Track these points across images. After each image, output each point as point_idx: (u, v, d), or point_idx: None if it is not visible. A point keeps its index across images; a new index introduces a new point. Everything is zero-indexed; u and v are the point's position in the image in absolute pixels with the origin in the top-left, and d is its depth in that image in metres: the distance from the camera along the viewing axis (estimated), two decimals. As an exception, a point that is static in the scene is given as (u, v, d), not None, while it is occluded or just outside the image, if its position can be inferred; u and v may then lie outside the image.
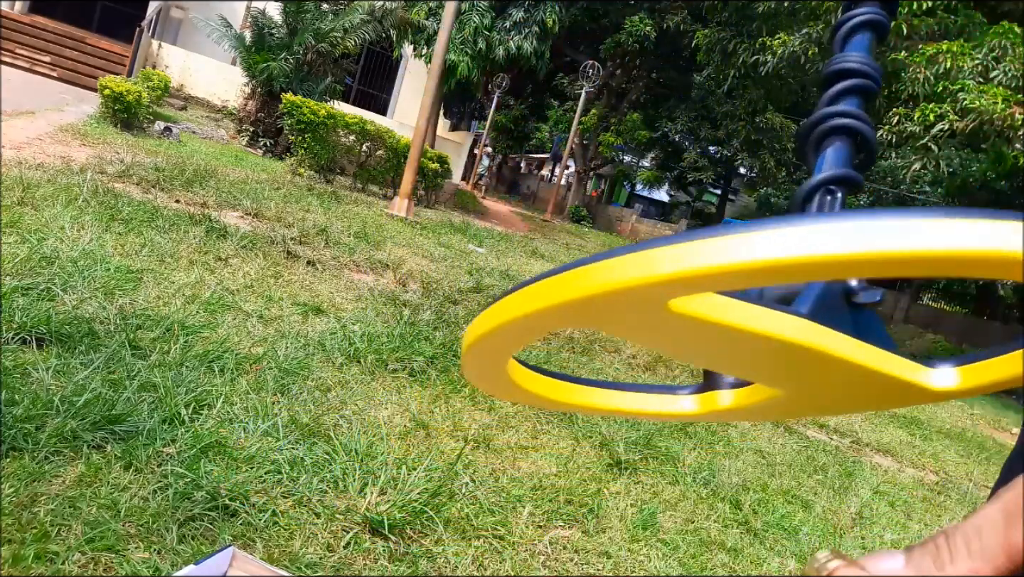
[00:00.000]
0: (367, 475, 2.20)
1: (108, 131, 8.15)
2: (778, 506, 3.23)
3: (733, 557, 2.59)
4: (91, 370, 2.28)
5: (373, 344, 3.45)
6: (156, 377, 2.37)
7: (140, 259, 3.69)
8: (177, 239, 4.27)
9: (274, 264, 4.52)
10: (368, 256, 5.66)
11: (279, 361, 2.91)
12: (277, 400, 2.58)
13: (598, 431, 3.35)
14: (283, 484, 2.04)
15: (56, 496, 1.67)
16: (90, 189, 4.63)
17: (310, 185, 9.09)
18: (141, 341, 2.66)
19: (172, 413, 2.20)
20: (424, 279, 5.52)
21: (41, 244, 3.35)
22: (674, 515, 2.77)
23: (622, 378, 4.64)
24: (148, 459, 1.93)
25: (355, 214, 7.95)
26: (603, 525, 2.49)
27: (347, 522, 1.96)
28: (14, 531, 1.53)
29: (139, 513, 1.70)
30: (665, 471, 3.17)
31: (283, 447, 2.22)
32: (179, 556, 1.61)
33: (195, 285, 3.55)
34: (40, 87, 11.28)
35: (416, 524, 2.05)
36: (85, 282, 3.04)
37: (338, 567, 1.79)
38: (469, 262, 7.36)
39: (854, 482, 4.05)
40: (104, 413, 2.02)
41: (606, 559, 2.28)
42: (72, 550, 1.52)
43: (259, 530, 1.81)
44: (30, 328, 2.41)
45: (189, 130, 10.99)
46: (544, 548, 2.19)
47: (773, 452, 4.10)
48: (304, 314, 3.72)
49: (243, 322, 3.28)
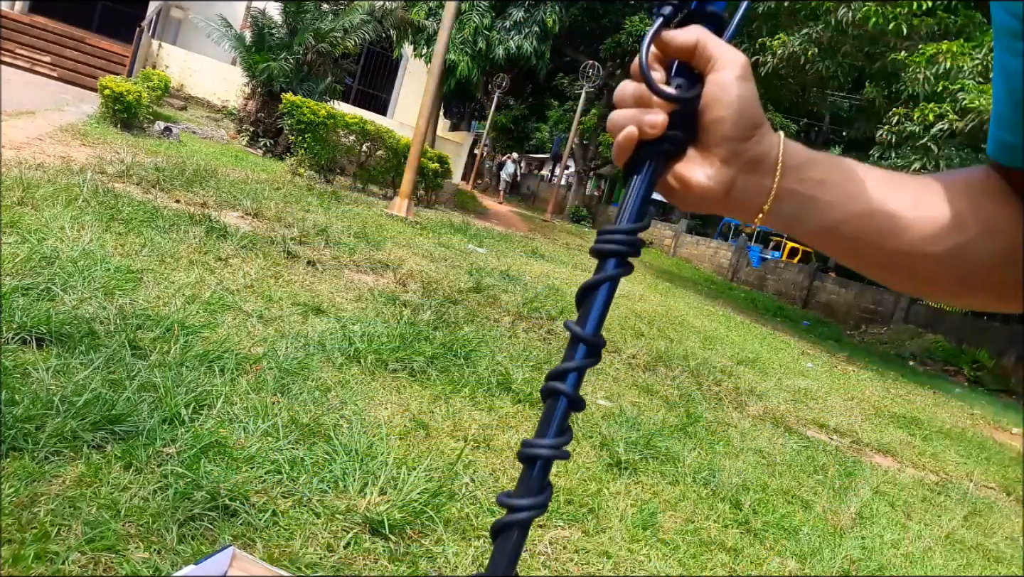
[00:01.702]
0: (367, 475, 2.20)
1: (108, 131, 8.15)
2: (778, 506, 3.23)
3: (733, 557, 2.59)
4: (91, 370, 2.28)
5: (373, 344, 3.45)
6: (156, 377, 2.37)
7: (140, 259, 3.69)
8: (177, 239, 4.27)
9: (274, 264, 4.52)
10: (368, 256, 5.66)
11: (279, 361, 2.91)
12: (277, 400, 2.58)
13: (598, 431, 3.35)
14: (283, 484, 2.04)
15: (56, 496, 1.67)
16: (90, 189, 4.63)
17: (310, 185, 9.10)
18: (141, 341, 2.66)
19: (172, 413, 2.20)
20: (424, 279, 5.52)
21: (41, 244, 3.35)
22: (674, 515, 2.77)
23: (622, 378, 4.64)
24: (148, 459, 1.93)
25: (355, 214, 7.96)
26: (603, 525, 2.49)
27: (347, 522, 1.96)
28: (14, 531, 1.53)
29: (139, 513, 1.70)
30: (665, 471, 3.17)
31: (283, 447, 2.22)
32: (179, 556, 1.61)
33: (195, 285, 3.55)
34: (40, 87, 11.28)
35: (416, 524, 2.05)
36: (85, 282, 3.04)
37: (338, 567, 1.79)
38: (469, 262, 7.36)
39: (854, 482, 4.05)
40: (104, 413, 2.03)
41: (606, 559, 2.28)
42: (72, 550, 1.52)
43: (259, 530, 1.81)
44: (30, 328, 2.41)
45: (189, 130, 10.99)
46: (544, 548, 2.19)
47: (773, 452, 4.10)
48: (304, 314, 3.72)
49: (243, 322, 3.28)
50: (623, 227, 0.48)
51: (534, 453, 0.47)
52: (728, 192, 0.50)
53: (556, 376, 0.49)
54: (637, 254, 0.49)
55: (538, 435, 0.48)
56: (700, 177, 0.49)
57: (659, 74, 0.49)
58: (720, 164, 0.49)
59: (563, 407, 0.48)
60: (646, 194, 0.49)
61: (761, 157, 0.49)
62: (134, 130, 8.88)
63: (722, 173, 0.49)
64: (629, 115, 0.48)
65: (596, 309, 0.49)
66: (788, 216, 0.52)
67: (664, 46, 0.49)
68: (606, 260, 0.49)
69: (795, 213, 0.51)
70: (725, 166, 0.49)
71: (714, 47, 0.48)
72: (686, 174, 0.50)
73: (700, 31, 0.48)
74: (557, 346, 4.78)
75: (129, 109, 8.70)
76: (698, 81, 0.49)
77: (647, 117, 0.47)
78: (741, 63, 0.48)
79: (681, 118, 0.48)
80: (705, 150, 0.49)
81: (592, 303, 0.49)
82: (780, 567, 2.64)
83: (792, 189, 0.50)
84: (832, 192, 0.51)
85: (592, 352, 0.49)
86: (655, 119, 0.47)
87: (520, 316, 5.38)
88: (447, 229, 9.77)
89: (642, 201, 0.49)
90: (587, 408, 3.68)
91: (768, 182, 0.50)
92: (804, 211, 0.51)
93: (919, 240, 0.53)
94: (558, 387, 0.48)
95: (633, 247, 0.48)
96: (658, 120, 0.47)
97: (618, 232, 0.48)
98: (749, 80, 0.48)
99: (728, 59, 0.47)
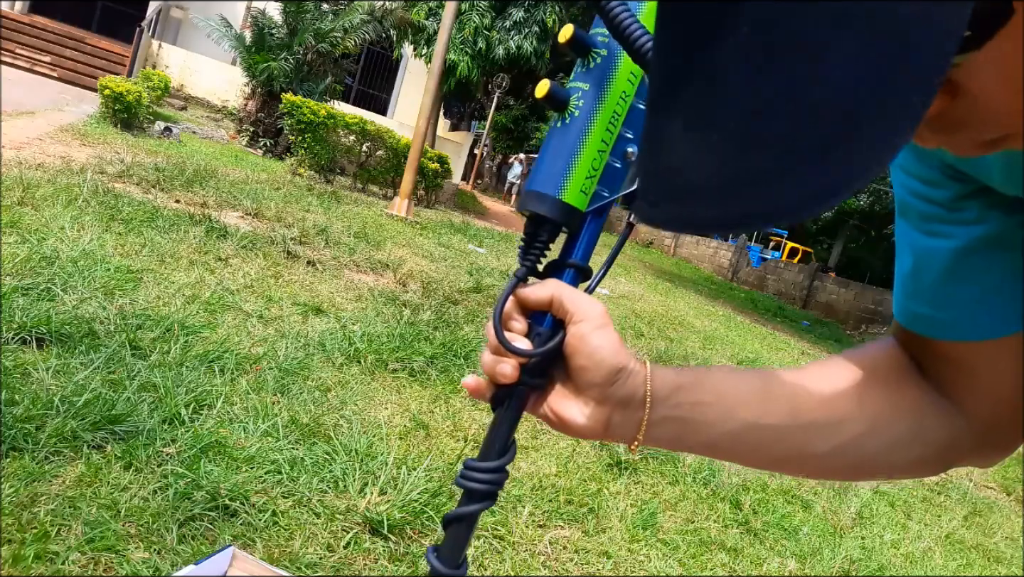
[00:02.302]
0: (367, 475, 2.20)
1: (108, 131, 8.15)
2: (778, 506, 3.23)
3: (733, 557, 2.59)
4: (91, 370, 2.28)
5: (373, 344, 3.45)
6: (156, 377, 2.37)
7: (140, 259, 3.69)
8: (177, 239, 4.27)
9: (274, 264, 4.52)
10: (368, 256, 5.66)
11: (279, 361, 2.91)
12: (277, 400, 2.58)
13: (598, 431, 3.35)
14: (283, 484, 2.04)
15: (56, 496, 1.67)
16: (90, 189, 4.63)
17: (310, 185, 9.10)
18: (141, 341, 2.66)
19: (172, 413, 2.20)
20: (424, 279, 5.52)
21: (41, 244, 3.35)
22: (674, 515, 2.77)
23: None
24: (148, 459, 1.93)
25: (355, 214, 7.95)
26: (603, 525, 2.49)
27: (347, 522, 1.96)
28: (14, 531, 1.53)
29: (139, 513, 1.70)
30: (665, 471, 3.17)
31: (283, 447, 2.22)
32: (179, 556, 1.61)
33: (195, 285, 3.55)
34: (40, 87, 11.28)
35: (416, 524, 2.05)
36: (85, 282, 3.04)
37: (338, 567, 1.79)
38: (469, 262, 7.36)
39: (854, 482, 4.05)
40: (104, 413, 2.02)
41: (606, 559, 2.28)
42: (72, 550, 1.52)
43: (259, 530, 1.81)
44: (30, 328, 2.41)
45: (189, 130, 10.99)
46: (544, 548, 2.19)
47: (773, 452, 4.10)
48: (304, 314, 3.72)
49: (243, 322, 3.28)
50: (489, 465, 0.52)
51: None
52: (606, 428, 0.52)
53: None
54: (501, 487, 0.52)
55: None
56: (577, 417, 0.52)
57: (519, 324, 0.52)
58: (594, 404, 0.52)
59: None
60: (509, 430, 0.52)
61: (630, 395, 0.51)
62: (134, 130, 8.88)
63: (597, 412, 0.52)
64: (488, 360, 0.52)
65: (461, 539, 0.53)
66: (667, 439, 0.54)
67: (523, 301, 0.52)
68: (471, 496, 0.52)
69: (673, 435, 0.54)
70: (599, 406, 0.52)
71: (570, 301, 0.51)
72: (563, 413, 0.52)
73: (556, 286, 0.52)
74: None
75: (129, 109, 8.70)
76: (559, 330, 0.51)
77: (499, 368, 0.51)
78: (597, 314, 0.50)
79: (537, 367, 0.51)
80: (578, 392, 0.52)
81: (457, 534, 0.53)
82: (780, 567, 2.64)
83: (665, 416, 0.52)
84: (706, 412, 0.53)
85: None
86: (505, 370, 0.51)
87: (520, 316, 5.37)
88: (447, 229, 9.77)
89: (504, 436, 0.52)
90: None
91: (641, 414, 0.52)
92: (682, 433, 0.54)
93: (799, 444, 0.55)
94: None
95: (498, 485, 0.52)
96: (507, 371, 0.50)
97: (484, 470, 0.52)
98: (607, 328, 0.50)
99: (583, 311, 0.50)
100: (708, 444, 0.55)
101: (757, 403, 0.55)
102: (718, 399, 0.54)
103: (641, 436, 0.53)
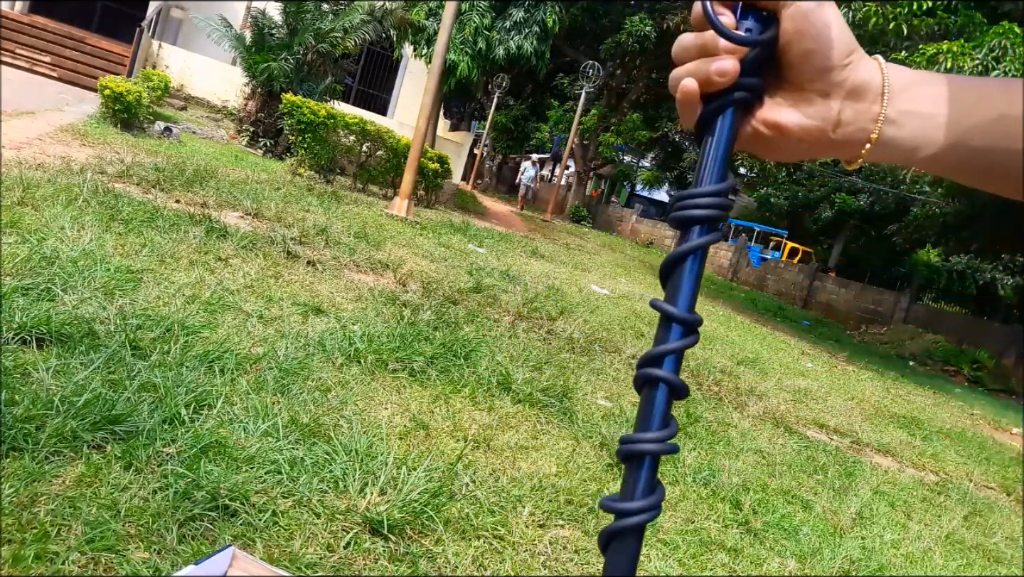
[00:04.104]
0: (367, 475, 2.20)
1: (108, 131, 8.15)
2: (778, 506, 3.23)
3: (733, 557, 2.59)
4: (91, 370, 2.28)
5: (373, 344, 3.45)
6: (156, 377, 2.37)
7: (140, 259, 3.69)
8: (177, 239, 4.27)
9: (274, 264, 4.52)
10: (368, 256, 5.66)
11: (279, 361, 2.91)
12: (277, 400, 2.58)
13: (598, 431, 3.35)
14: (283, 484, 2.04)
15: (56, 496, 1.67)
16: (90, 189, 4.63)
17: (310, 185, 9.09)
18: (141, 341, 2.66)
19: (172, 413, 2.20)
20: (424, 279, 5.52)
21: (41, 244, 3.35)
22: (674, 515, 2.77)
23: (622, 378, 4.63)
24: (148, 459, 1.93)
25: (355, 214, 7.95)
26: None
27: (347, 522, 1.96)
28: (14, 531, 1.53)
29: (139, 513, 1.70)
30: (665, 471, 3.17)
31: (283, 447, 2.22)
32: (179, 556, 1.61)
33: (195, 285, 3.55)
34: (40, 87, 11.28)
35: (416, 524, 2.05)
36: (85, 282, 3.04)
37: (338, 567, 1.79)
38: (469, 262, 7.36)
39: (854, 482, 4.05)
40: (104, 413, 2.02)
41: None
42: (72, 550, 1.52)
43: (259, 530, 1.81)
44: (30, 328, 2.41)
45: (189, 130, 10.99)
46: (544, 548, 2.19)
47: (773, 452, 4.10)
48: (304, 314, 3.72)
49: (243, 322, 3.28)
50: (707, 189, 0.43)
51: (639, 449, 0.43)
52: (835, 125, 0.46)
53: (651, 361, 0.43)
54: (726, 218, 0.44)
55: (639, 429, 0.43)
56: (799, 118, 0.45)
57: (727, 18, 0.44)
58: (820, 99, 0.45)
59: (664, 395, 0.43)
60: (725, 151, 0.44)
61: (864, 83, 0.45)
62: (134, 130, 8.88)
63: (823, 108, 0.45)
64: (692, 68, 0.44)
65: (686, 283, 0.44)
66: (906, 142, 0.47)
67: None
68: (690, 229, 0.44)
69: (914, 136, 0.47)
70: (826, 100, 0.45)
71: None
72: (780, 119, 0.45)
73: None
74: (557, 346, 4.78)
75: (129, 109, 8.70)
76: (770, 23, 0.44)
77: (715, 66, 0.43)
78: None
79: (754, 64, 0.44)
80: (797, 90, 0.46)
81: (680, 277, 0.44)
82: (780, 567, 2.64)
83: (906, 111, 0.46)
84: (951, 105, 0.46)
85: (688, 331, 0.43)
86: (724, 66, 0.42)
87: (520, 316, 5.38)
88: (447, 229, 9.77)
89: (722, 159, 0.44)
90: (587, 408, 3.69)
91: (876, 108, 0.45)
92: (924, 132, 0.46)
93: None
94: (656, 374, 0.43)
95: (721, 209, 0.43)
96: (728, 67, 0.42)
97: (701, 195, 0.43)
98: (831, 5, 0.44)
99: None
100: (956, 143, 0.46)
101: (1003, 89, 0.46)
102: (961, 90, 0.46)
103: (876, 134, 0.46)
